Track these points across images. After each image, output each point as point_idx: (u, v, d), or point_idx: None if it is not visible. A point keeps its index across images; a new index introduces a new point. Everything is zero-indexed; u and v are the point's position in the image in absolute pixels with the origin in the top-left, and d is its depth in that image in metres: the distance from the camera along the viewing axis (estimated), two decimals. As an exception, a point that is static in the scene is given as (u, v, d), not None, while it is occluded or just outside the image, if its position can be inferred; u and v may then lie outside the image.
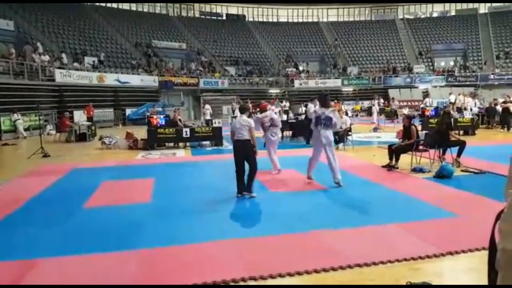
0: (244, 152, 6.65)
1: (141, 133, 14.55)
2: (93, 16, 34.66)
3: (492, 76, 33.85)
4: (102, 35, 32.89)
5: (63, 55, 25.54)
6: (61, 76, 23.21)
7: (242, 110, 7.33)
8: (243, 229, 5.05)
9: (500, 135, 15.78)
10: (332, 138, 7.43)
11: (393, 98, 29.69)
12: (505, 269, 1.66)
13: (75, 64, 25.70)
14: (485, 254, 3.96)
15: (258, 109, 12.05)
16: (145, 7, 40.94)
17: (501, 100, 18.68)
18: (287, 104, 17.30)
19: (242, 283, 3.61)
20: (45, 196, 7.25)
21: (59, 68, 23.66)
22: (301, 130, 15.67)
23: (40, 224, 5.54)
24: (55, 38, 28.67)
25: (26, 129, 18.77)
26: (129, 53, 32.55)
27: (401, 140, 9.69)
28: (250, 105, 10.91)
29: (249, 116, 7.31)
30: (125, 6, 39.35)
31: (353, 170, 8.93)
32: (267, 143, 8.78)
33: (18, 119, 18.36)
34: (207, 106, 25.47)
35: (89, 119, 18.27)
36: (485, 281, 1.89)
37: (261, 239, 4.72)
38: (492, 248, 1.73)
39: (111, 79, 26.92)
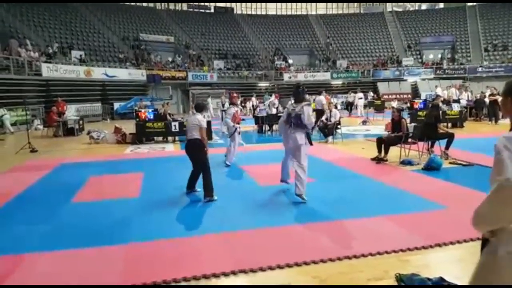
0: (192, 152, 6.42)
1: (129, 127, 14.43)
2: (79, 9, 34.11)
3: (480, 69, 34.14)
4: (89, 29, 32.41)
5: (53, 47, 25.10)
6: (48, 71, 22.87)
7: (198, 108, 6.89)
8: (232, 223, 5.04)
9: (488, 127, 15.95)
10: (302, 141, 6.03)
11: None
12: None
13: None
14: (473, 245, 4.01)
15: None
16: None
17: (488, 92, 18.88)
18: (276, 102, 17.27)
19: (232, 276, 3.61)
20: (33, 191, 7.16)
21: (46, 62, 23.29)
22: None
23: (28, 219, 5.48)
24: (41, 32, 28.19)
25: (13, 124, 18.49)
26: (117, 47, 32.16)
27: (389, 132, 9.74)
28: (237, 98, 10.91)
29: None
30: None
31: (342, 163, 8.97)
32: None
33: (5, 114, 18.08)
34: (209, 100, 25.22)
35: (60, 115, 17.53)
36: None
37: (250, 232, 4.72)
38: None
39: (98, 73, 26.60)
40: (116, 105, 26.70)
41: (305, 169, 6.03)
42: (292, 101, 6.55)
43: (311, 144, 6.23)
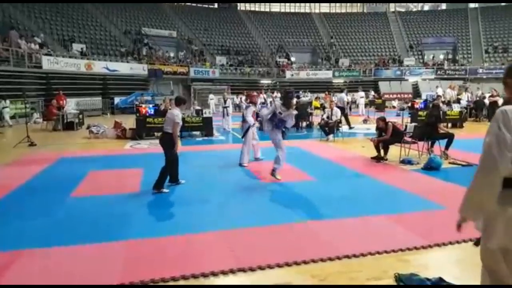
0: (163, 145, 6.66)
1: (129, 122, 14.40)
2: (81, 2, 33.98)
3: (480, 70, 34.14)
4: (91, 22, 32.29)
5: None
6: (48, 63, 22.77)
7: (176, 102, 6.99)
8: (232, 220, 5.03)
9: (487, 127, 15.92)
10: (280, 137, 7.22)
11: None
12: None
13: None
14: (472, 245, 3.99)
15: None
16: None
17: (487, 94, 18.88)
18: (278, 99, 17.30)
19: (231, 275, 3.60)
20: (31, 185, 7.12)
21: (46, 54, 23.21)
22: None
23: (26, 213, 5.45)
24: (42, 24, 28.06)
25: (12, 117, 18.44)
26: (118, 41, 32.06)
27: (376, 136, 9.58)
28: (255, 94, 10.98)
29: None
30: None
31: (342, 162, 8.96)
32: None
33: (6, 107, 18.03)
34: (211, 96, 25.29)
35: (60, 108, 17.38)
36: (472, 272, 1.90)
37: (250, 230, 4.71)
38: None
39: (99, 66, 26.51)
40: (117, 100, 26.63)
41: (284, 154, 7.26)
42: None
43: (283, 137, 7.30)
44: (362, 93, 24.66)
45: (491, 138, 2.07)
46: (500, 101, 17.46)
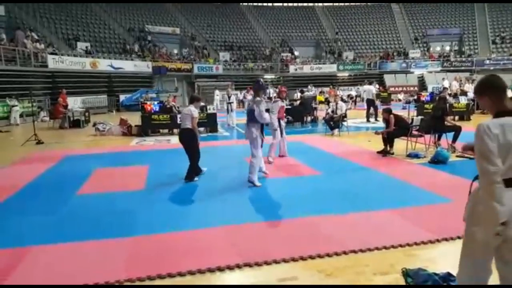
0: (184, 140, 7.00)
1: (135, 119, 14.43)
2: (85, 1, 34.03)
3: (487, 61, 33.75)
4: (95, 20, 32.34)
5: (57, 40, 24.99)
6: (53, 62, 22.87)
7: (191, 100, 7.42)
8: (238, 216, 5.02)
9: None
10: (254, 135, 6.51)
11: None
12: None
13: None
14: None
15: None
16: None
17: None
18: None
19: (237, 270, 3.60)
20: (38, 183, 7.19)
21: (52, 54, 23.30)
22: (296, 116, 15.65)
23: (33, 211, 5.50)
24: (47, 24, 28.15)
25: (19, 116, 18.60)
26: (122, 38, 32.09)
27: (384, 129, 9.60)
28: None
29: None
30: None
31: (348, 156, 8.92)
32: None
33: (15, 106, 18.20)
34: (217, 92, 25.20)
35: (66, 107, 17.35)
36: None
37: (255, 225, 4.71)
38: None
39: (104, 64, 26.59)
40: (122, 97, 26.75)
41: (258, 159, 6.61)
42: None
43: (262, 138, 6.73)
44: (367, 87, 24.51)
45: (478, 154, 2.30)
46: (509, 92, 17.23)
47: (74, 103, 21.29)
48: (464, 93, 18.64)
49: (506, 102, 2.37)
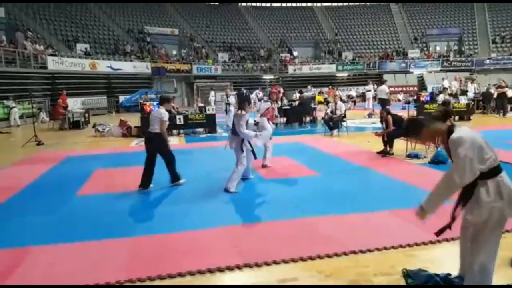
0: (153, 145, 6.47)
1: (134, 120, 14.43)
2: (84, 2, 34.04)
3: (487, 61, 33.75)
4: (94, 22, 32.36)
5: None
6: (53, 64, 22.92)
7: (161, 101, 6.80)
8: (237, 216, 5.03)
9: (496, 120, 15.76)
10: (237, 146, 6.22)
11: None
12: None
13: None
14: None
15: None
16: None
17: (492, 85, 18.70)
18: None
19: (237, 270, 3.60)
20: (39, 183, 7.20)
21: (51, 55, 23.33)
22: (295, 117, 15.65)
23: (34, 211, 5.51)
24: (46, 25, 28.18)
25: (19, 117, 18.63)
26: (121, 40, 32.11)
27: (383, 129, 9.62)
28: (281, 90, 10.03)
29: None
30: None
31: (348, 156, 8.92)
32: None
33: (14, 107, 18.21)
34: (212, 93, 25.31)
35: (65, 108, 17.36)
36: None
37: (255, 226, 4.71)
38: None
39: (103, 66, 26.63)
40: (121, 98, 26.80)
41: (239, 172, 6.19)
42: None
43: (254, 157, 6.47)
44: (370, 86, 24.52)
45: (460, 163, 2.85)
46: (509, 92, 17.21)
47: (74, 104, 21.32)
48: (464, 92, 18.64)
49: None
